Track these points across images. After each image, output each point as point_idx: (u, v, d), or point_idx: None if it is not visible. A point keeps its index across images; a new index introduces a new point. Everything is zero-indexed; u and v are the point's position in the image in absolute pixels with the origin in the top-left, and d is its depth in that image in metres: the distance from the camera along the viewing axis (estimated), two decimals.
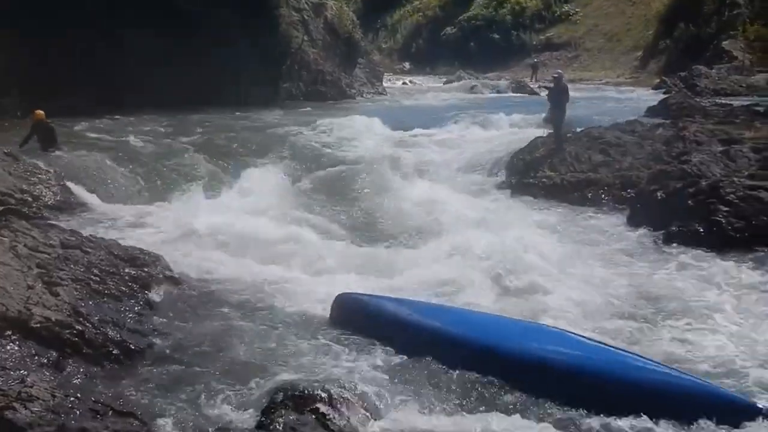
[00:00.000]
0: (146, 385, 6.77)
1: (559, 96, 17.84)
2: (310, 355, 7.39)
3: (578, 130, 18.30)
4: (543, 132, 17.94)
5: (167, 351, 7.48)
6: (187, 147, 18.35)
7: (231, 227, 12.01)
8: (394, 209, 13.92)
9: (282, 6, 32.61)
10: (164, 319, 8.21)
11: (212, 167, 16.74)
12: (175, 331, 7.94)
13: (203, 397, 6.47)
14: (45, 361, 6.81)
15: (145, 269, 9.27)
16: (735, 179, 13.20)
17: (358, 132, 21.86)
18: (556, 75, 19.71)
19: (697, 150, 15.42)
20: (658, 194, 13.45)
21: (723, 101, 25.94)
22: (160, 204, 13.76)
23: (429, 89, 42.71)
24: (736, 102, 24.62)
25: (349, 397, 6.16)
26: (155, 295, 8.84)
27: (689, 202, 12.78)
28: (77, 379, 6.72)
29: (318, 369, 6.91)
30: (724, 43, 42.43)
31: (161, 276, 9.27)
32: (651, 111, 24.04)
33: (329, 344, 7.72)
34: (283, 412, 5.85)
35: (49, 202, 12.56)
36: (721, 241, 11.87)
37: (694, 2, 47.67)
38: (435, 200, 14.24)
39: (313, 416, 5.83)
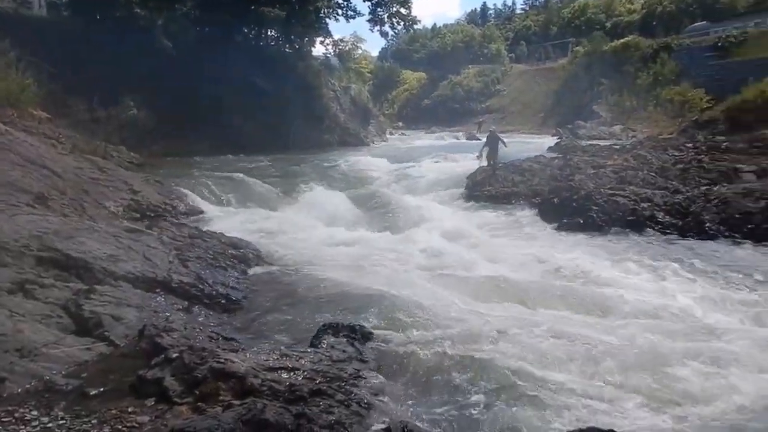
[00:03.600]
0: (242, 321, 6.78)
1: (493, 142, 17.85)
2: (348, 302, 7.31)
3: (506, 162, 18.23)
4: (482, 163, 17.88)
5: (256, 302, 7.48)
6: (269, 174, 18.33)
7: (294, 225, 12.07)
8: (396, 210, 13.86)
9: (323, 88, 33.21)
10: (254, 283, 8.21)
11: (286, 186, 16.64)
12: (261, 289, 7.94)
13: (276, 329, 6.47)
14: (180, 307, 6.83)
15: (242, 251, 9.28)
16: (602, 190, 13.17)
17: (372, 164, 21.94)
18: (491, 130, 19.82)
19: (578, 172, 15.36)
20: (555, 200, 13.42)
21: (594, 142, 25.79)
22: (250, 210, 13.71)
23: (415, 139, 42.62)
24: (602, 143, 24.49)
25: (369, 330, 6.17)
26: (249, 267, 8.85)
27: (573, 204, 12.75)
28: (200, 317, 6.74)
29: (348, 316, 6.88)
30: (594, 106, 42.30)
31: (252, 256, 9.27)
32: (550, 149, 23.85)
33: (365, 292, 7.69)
34: (326, 336, 5.86)
35: (182, 210, 12.57)
36: (594, 228, 11.87)
37: (575, 81, 47.63)
38: (420, 205, 14.19)
39: (345, 339, 5.83)
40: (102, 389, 4.65)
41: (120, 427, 4.06)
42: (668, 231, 11.45)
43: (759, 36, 35.12)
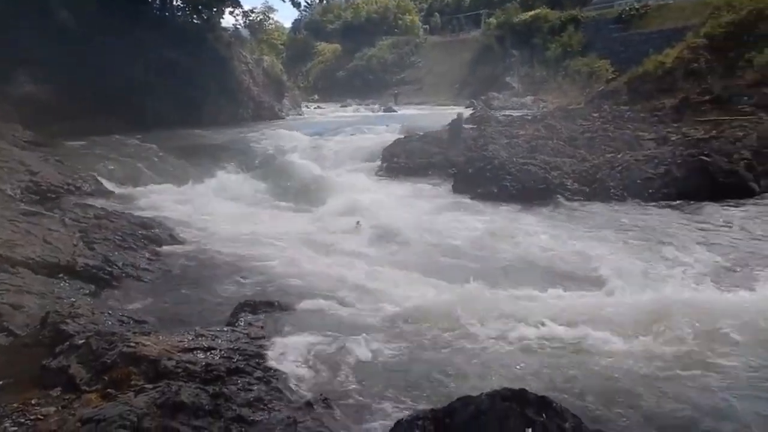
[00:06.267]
0: (155, 304, 6.57)
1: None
2: (264, 281, 7.25)
3: (421, 133, 18.39)
4: (401, 135, 17.95)
5: (169, 283, 7.28)
6: (180, 152, 17.66)
7: (207, 204, 11.76)
8: (312, 184, 13.72)
9: (235, 60, 32.39)
10: (166, 263, 7.96)
11: (195, 163, 16.10)
12: (174, 270, 7.72)
13: (191, 310, 6.33)
14: (87, 292, 6.58)
15: (152, 231, 8.96)
16: (514, 159, 13.54)
17: (288, 138, 21.55)
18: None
19: (492, 142, 15.72)
20: (470, 170, 13.69)
21: (507, 113, 26.43)
22: (159, 190, 13.23)
23: (331, 112, 42.26)
24: (515, 113, 25.14)
25: (288, 305, 6.14)
26: (160, 248, 8.56)
27: (488, 174, 13.05)
28: (110, 301, 6.50)
29: (269, 289, 6.82)
30: (507, 78, 43.32)
31: (163, 236, 8.97)
32: (465, 121, 24.30)
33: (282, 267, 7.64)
34: (244, 314, 5.79)
35: (87, 190, 11.96)
36: (507, 197, 12.22)
37: (488, 52, 48.55)
38: (336, 179, 14.14)
39: (263, 315, 5.78)
40: (2, 382, 4.40)
41: (23, 420, 3.86)
42: (576, 197, 11.99)
43: (658, 8, 36.80)
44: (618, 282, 6.71)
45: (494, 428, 3.49)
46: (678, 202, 11.20)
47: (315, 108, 48.42)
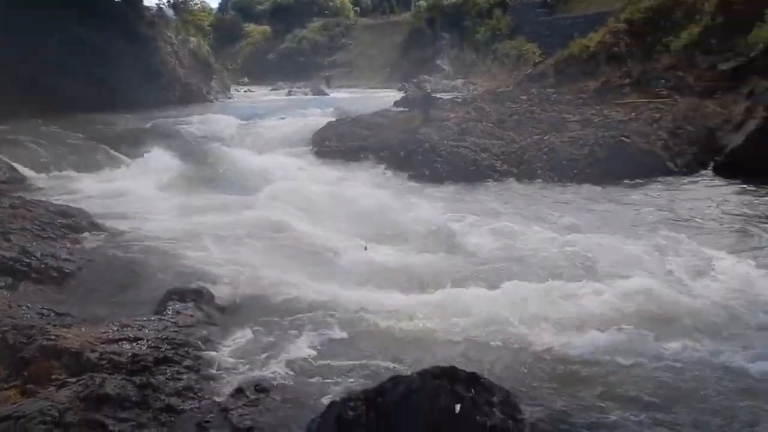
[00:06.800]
0: (78, 295, 6.34)
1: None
2: (192, 269, 7.05)
3: (353, 116, 18.33)
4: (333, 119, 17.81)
5: (92, 273, 7.01)
6: (101, 136, 16.94)
7: (130, 191, 11.38)
8: (240, 170, 13.45)
9: (159, 41, 31.28)
10: (89, 253, 7.67)
11: (118, 149, 15.49)
12: (97, 259, 7.44)
13: (116, 300, 6.14)
14: (3, 284, 6.24)
15: (73, 219, 8.60)
16: (445, 142, 13.73)
17: (216, 122, 21.03)
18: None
19: (424, 125, 15.85)
20: (402, 153, 13.80)
21: (438, 96, 26.64)
22: (79, 177, 12.70)
23: (261, 95, 41.49)
24: (446, 96, 25.39)
25: (219, 292, 6.07)
26: (82, 236, 8.24)
27: (419, 157, 13.21)
28: (29, 294, 6.20)
29: (198, 277, 6.67)
30: (437, 60, 43.69)
31: (84, 224, 8.63)
32: (396, 104, 24.28)
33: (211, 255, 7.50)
34: (171, 302, 5.66)
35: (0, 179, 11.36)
36: (438, 178, 12.41)
37: (419, 35, 48.78)
38: (267, 164, 13.90)
39: (192, 303, 5.68)
40: None
41: None
42: (505, 178, 12.29)
43: None
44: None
45: (425, 406, 3.58)
46: (600, 181, 11.68)
47: (245, 91, 47.45)
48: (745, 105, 12.76)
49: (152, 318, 5.21)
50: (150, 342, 4.63)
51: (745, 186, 10.71)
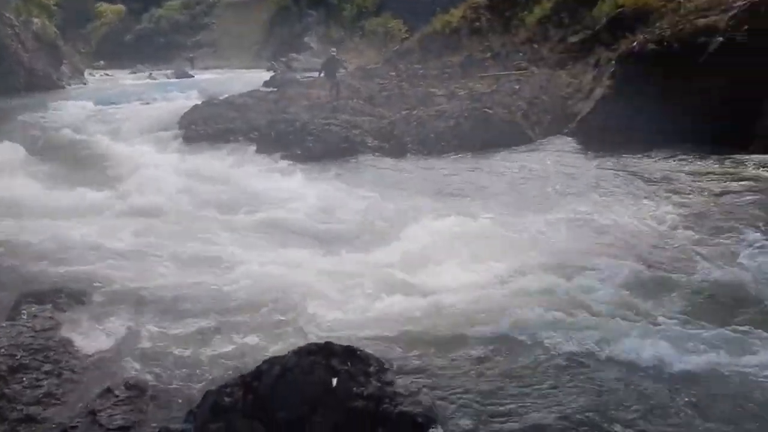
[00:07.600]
0: None
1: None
2: (50, 269, 6.56)
3: (221, 98, 17.78)
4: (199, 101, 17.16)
5: None
6: None
7: None
8: (102, 160, 12.51)
9: None
10: None
11: None
12: None
13: None
14: None
15: None
16: (316, 120, 13.69)
17: (70, 109, 19.59)
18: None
19: (293, 104, 15.74)
20: (272, 133, 13.59)
21: (309, 74, 26.36)
22: None
23: (120, 79, 38.87)
24: (316, 74, 25.07)
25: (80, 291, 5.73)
26: None
27: (290, 137, 13.08)
28: None
29: (57, 277, 6.23)
30: (306, 38, 43.28)
31: None
32: (265, 83, 23.90)
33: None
34: (27, 305, 5.27)
35: None
36: (310, 157, 12.34)
37: (285, 12, 48.12)
38: (131, 153, 13.08)
39: (51, 305, 5.32)
40: None
41: None
42: (376, 153, 12.48)
43: None
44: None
45: (300, 382, 3.62)
46: (465, 150, 12.16)
47: (101, 76, 44.57)
48: (592, 74, 13.73)
49: (3, 324, 4.82)
50: (3, 350, 4.29)
51: (594, 152, 11.38)
